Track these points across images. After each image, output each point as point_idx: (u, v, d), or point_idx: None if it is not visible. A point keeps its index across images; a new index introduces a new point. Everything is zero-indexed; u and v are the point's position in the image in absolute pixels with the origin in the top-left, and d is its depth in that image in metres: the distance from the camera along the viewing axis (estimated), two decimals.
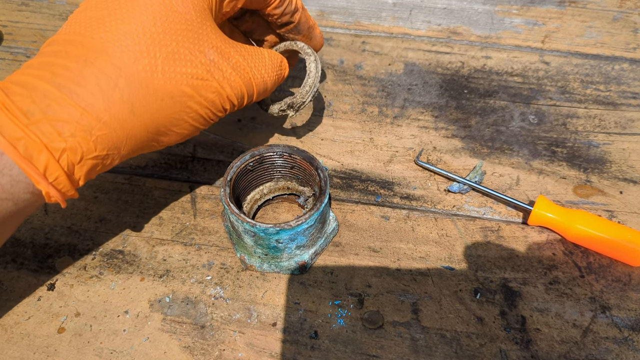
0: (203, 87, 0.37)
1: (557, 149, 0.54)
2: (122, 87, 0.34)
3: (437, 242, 0.47)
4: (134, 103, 0.34)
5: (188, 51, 0.36)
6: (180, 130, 0.39)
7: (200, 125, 0.40)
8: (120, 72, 0.34)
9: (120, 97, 0.34)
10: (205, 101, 0.38)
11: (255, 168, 0.46)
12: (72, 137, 0.33)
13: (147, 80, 0.34)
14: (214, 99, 0.39)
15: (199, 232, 0.48)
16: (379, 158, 0.53)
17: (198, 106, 0.38)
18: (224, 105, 0.40)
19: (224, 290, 0.44)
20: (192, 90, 0.37)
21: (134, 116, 0.35)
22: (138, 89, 0.34)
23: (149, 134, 0.37)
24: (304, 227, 0.41)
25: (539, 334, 0.41)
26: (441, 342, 0.41)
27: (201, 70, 0.37)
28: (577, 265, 0.45)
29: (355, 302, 0.43)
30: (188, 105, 0.37)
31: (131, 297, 0.43)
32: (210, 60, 0.37)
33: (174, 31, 0.35)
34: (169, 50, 0.35)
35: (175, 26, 0.35)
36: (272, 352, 0.40)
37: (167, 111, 0.36)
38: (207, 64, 0.37)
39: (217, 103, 0.39)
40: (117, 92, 0.34)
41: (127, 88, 0.34)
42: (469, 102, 0.58)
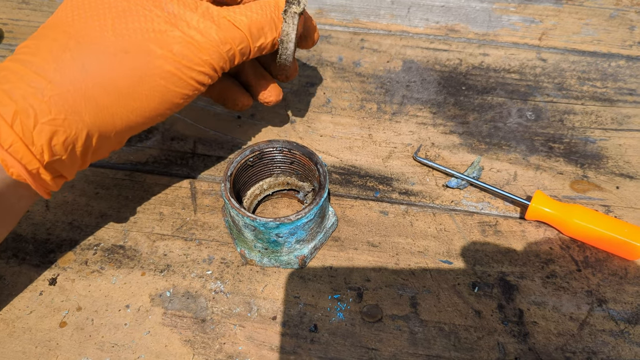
0: (162, 39, 0.35)
1: (554, 144, 0.54)
2: (72, 48, 0.34)
3: (436, 237, 0.47)
4: (84, 60, 0.34)
5: (141, 7, 0.35)
6: (151, 91, 0.36)
7: (180, 88, 0.37)
8: (70, 36, 0.34)
9: (71, 57, 0.34)
10: (172, 54, 0.35)
11: (255, 163, 0.46)
12: (23, 99, 0.32)
13: (97, 38, 0.34)
14: (184, 52, 0.36)
15: (199, 227, 0.48)
16: (378, 154, 0.54)
17: (164, 61, 0.35)
18: (201, 57, 0.37)
19: (224, 284, 0.44)
20: (148, 44, 0.35)
21: (87, 73, 0.34)
22: (88, 47, 0.34)
23: (110, 95, 0.35)
24: (303, 222, 0.41)
25: (536, 327, 0.41)
26: (439, 335, 0.41)
27: (157, 23, 0.35)
28: (574, 259, 0.46)
29: (355, 296, 0.43)
30: (149, 61, 0.35)
31: (132, 291, 0.43)
32: (169, 12, 0.35)
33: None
34: (120, 9, 0.34)
35: None
36: (272, 345, 0.40)
37: (125, 68, 0.35)
38: (164, 16, 0.35)
39: (190, 56, 0.36)
40: (67, 53, 0.33)
41: (76, 48, 0.34)
42: (467, 99, 0.59)
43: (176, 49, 0.35)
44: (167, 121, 0.56)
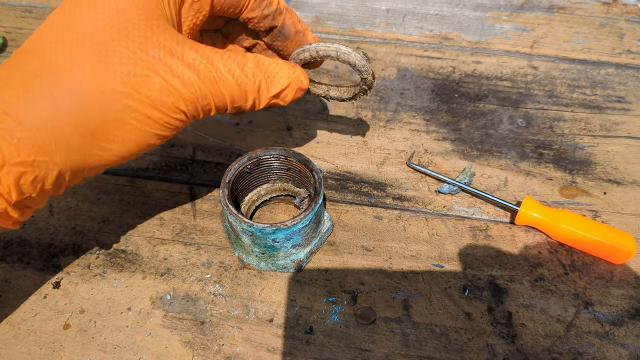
0: (142, 84, 0.33)
1: (544, 151, 0.55)
2: (45, 83, 0.31)
3: (428, 241, 0.48)
4: (57, 98, 0.31)
5: (125, 48, 0.32)
6: (125, 134, 0.34)
7: (154, 130, 0.35)
8: (45, 69, 0.32)
9: (43, 93, 0.31)
10: (150, 100, 0.34)
11: (253, 170, 0.47)
12: None
13: (71, 76, 0.32)
14: (162, 98, 0.34)
15: (198, 232, 0.49)
16: (372, 160, 0.54)
17: (141, 105, 0.33)
18: (178, 106, 0.35)
19: (223, 287, 0.45)
20: (127, 87, 0.33)
21: (58, 112, 0.32)
22: (62, 83, 0.31)
23: (83, 136, 0.33)
24: (299, 227, 0.42)
25: (525, 328, 0.42)
26: (431, 337, 0.42)
27: (140, 67, 0.33)
28: (562, 263, 0.46)
29: (349, 299, 0.44)
30: (126, 104, 0.33)
31: (134, 294, 0.44)
32: (153, 57, 0.33)
33: (111, 28, 0.32)
34: (102, 46, 0.32)
35: (113, 24, 0.32)
36: (269, 346, 0.41)
37: (99, 109, 0.33)
38: (148, 60, 0.33)
39: (167, 103, 0.34)
40: (40, 90, 0.31)
41: (49, 83, 0.31)
42: (460, 106, 0.60)
43: (154, 95, 0.34)
44: None
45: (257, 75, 0.38)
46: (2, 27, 0.68)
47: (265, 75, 0.38)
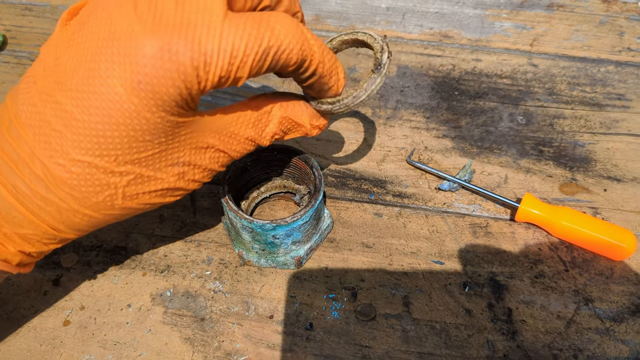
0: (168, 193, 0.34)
1: (544, 148, 0.55)
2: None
3: (428, 238, 0.48)
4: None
5: (153, 171, 0.32)
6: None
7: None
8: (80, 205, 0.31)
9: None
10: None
11: (253, 167, 0.47)
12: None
13: (107, 209, 0.32)
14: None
15: (198, 229, 0.48)
16: (372, 157, 0.54)
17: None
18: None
19: (223, 284, 0.44)
20: (160, 199, 0.34)
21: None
22: (95, 216, 0.32)
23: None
24: (299, 224, 0.42)
25: (525, 325, 0.42)
26: (431, 333, 0.42)
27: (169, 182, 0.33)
28: (562, 260, 0.46)
29: (349, 296, 0.44)
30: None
31: (134, 291, 0.44)
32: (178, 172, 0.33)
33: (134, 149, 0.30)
34: (132, 177, 0.31)
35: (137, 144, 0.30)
36: (269, 343, 0.41)
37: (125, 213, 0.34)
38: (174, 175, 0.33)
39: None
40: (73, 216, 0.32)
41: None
42: (460, 104, 0.59)
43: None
44: None
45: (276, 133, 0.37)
46: (2, 25, 0.67)
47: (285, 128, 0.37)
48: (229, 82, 0.29)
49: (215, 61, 0.27)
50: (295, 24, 0.30)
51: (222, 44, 0.27)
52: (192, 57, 0.27)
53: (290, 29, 0.29)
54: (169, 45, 0.26)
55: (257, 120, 0.35)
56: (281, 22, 0.29)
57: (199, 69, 0.27)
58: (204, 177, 0.35)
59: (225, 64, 0.28)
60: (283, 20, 0.29)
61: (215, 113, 0.33)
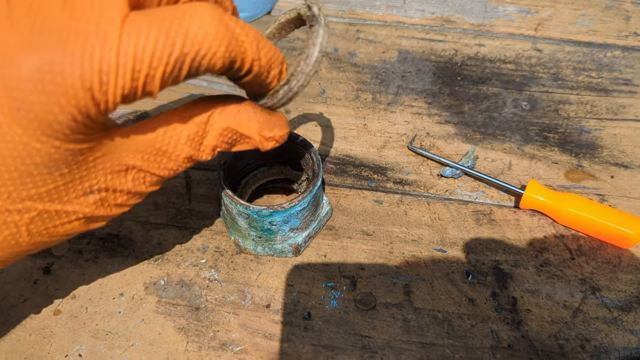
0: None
1: (549, 134, 0.54)
2: None
3: (430, 226, 0.47)
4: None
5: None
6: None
7: None
8: None
9: None
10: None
11: (249, 153, 0.46)
12: None
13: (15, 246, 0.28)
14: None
15: (193, 216, 0.47)
16: (373, 144, 0.53)
17: None
18: None
19: (219, 272, 0.44)
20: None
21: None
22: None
23: None
24: (297, 209, 0.41)
25: (530, 314, 0.41)
26: (433, 323, 0.41)
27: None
28: (568, 248, 0.45)
29: (348, 284, 0.43)
30: None
31: (126, 279, 0.43)
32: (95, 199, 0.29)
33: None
34: (34, 213, 0.27)
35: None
36: (265, 332, 0.40)
37: None
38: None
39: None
40: None
41: None
42: (462, 89, 0.58)
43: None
44: (162, 110, 0.55)
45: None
46: None
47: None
48: (139, 98, 0.25)
49: (114, 80, 0.23)
50: (217, 19, 0.25)
51: (121, 59, 0.22)
52: (82, 77, 0.22)
53: (212, 27, 0.25)
54: (51, 64, 0.22)
55: (192, 133, 0.30)
56: (199, 20, 0.24)
57: (94, 90, 0.23)
58: (131, 200, 0.31)
59: (127, 80, 0.23)
60: (202, 16, 0.25)
61: (136, 129, 0.28)
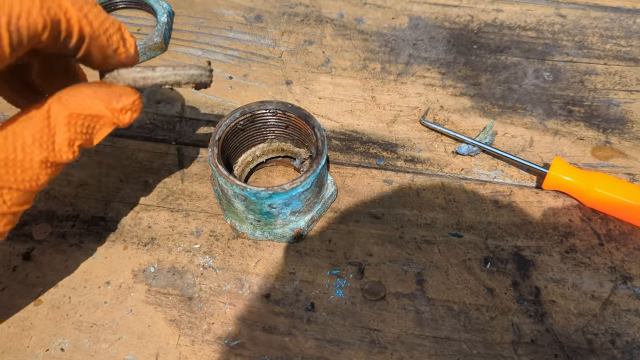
0: None
1: (574, 108, 0.51)
2: None
3: (444, 208, 0.44)
4: None
5: None
6: None
7: None
8: None
9: None
10: None
11: (247, 127, 0.43)
12: None
13: None
14: None
15: (186, 197, 0.45)
16: (382, 118, 0.51)
17: None
18: None
19: (214, 259, 0.41)
20: None
21: None
22: None
23: None
24: (299, 191, 0.38)
25: (555, 306, 0.39)
26: (448, 315, 0.39)
27: None
28: (596, 233, 0.43)
29: (355, 272, 0.41)
30: None
31: (113, 267, 0.41)
32: None
33: None
34: None
35: None
36: (265, 325, 0.38)
37: None
38: None
39: None
40: None
41: None
42: (479, 58, 0.55)
43: None
44: None
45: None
46: None
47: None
48: None
49: None
50: None
51: None
52: None
53: None
54: None
55: (36, 131, 0.28)
56: None
57: None
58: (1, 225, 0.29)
59: None
60: None
61: None
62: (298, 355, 0.37)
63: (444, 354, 0.37)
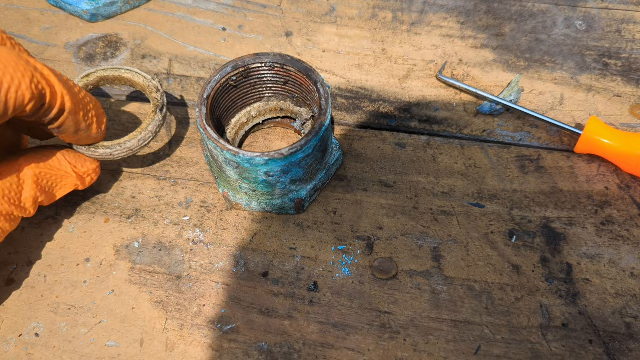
0: None
1: (610, 60, 0.48)
2: None
3: (464, 175, 0.42)
4: None
5: None
6: None
7: None
8: None
9: None
10: None
11: (240, 83, 0.40)
12: None
13: None
14: None
15: (175, 164, 0.43)
16: (394, 73, 0.48)
17: None
18: None
19: (205, 233, 0.40)
20: None
21: None
22: None
23: None
24: (299, 157, 0.35)
25: (589, 285, 0.37)
26: (468, 296, 0.37)
27: None
28: (636, 202, 0.40)
29: (364, 247, 0.39)
30: None
31: (93, 242, 0.39)
32: None
33: None
34: None
35: None
36: (262, 307, 0.36)
37: None
38: None
39: None
40: None
41: None
42: (502, 6, 0.52)
43: None
44: (136, 36, 0.51)
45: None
46: None
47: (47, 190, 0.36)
48: None
49: None
50: (15, 55, 0.28)
51: None
52: None
53: (11, 61, 0.28)
54: None
55: (7, 189, 0.32)
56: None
57: None
58: None
59: None
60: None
61: None
62: (299, 341, 0.35)
63: (464, 340, 0.34)
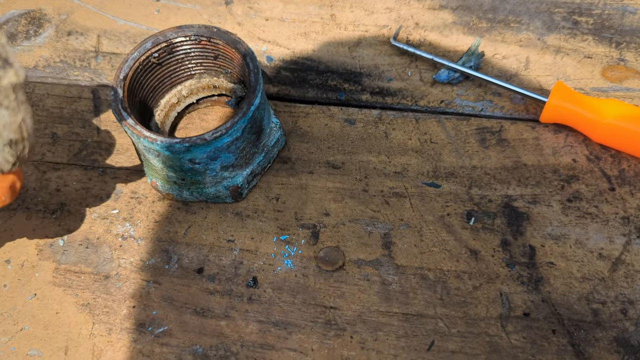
0: None
1: (581, 18, 0.46)
2: None
3: (419, 151, 0.41)
4: None
5: None
6: None
7: None
8: None
9: None
10: None
11: (164, 60, 0.37)
12: None
13: None
14: None
15: (103, 151, 0.41)
16: (343, 41, 0.46)
17: None
18: None
19: (135, 227, 0.38)
20: None
21: None
22: None
23: None
24: (226, 142, 0.32)
25: (553, 269, 0.35)
26: (421, 286, 0.35)
27: None
28: (606, 175, 0.39)
29: (308, 237, 0.37)
30: None
31: (14, 241, 0.38)
32: None
33: None
34: None
35: None
36: (196, 307, 0.34)
37: None
38: None
39: None
40: None
41: None
42: None
43: None
44: (61, 10, 0.48)
45: None
46: None
47: None
48: None
49: None
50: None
51: None
52: None
53: None
54: None
55: None
56: None
57: None
58: None
59: None
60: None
61: None
62: (237, 342, 0.33)
63: (416, 335, 0.33)
